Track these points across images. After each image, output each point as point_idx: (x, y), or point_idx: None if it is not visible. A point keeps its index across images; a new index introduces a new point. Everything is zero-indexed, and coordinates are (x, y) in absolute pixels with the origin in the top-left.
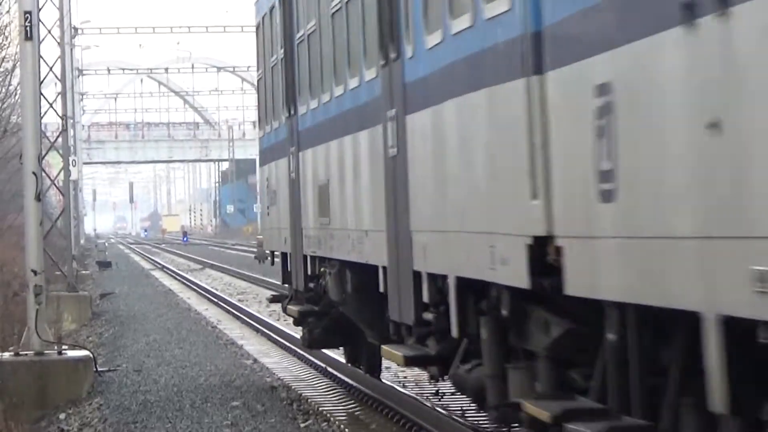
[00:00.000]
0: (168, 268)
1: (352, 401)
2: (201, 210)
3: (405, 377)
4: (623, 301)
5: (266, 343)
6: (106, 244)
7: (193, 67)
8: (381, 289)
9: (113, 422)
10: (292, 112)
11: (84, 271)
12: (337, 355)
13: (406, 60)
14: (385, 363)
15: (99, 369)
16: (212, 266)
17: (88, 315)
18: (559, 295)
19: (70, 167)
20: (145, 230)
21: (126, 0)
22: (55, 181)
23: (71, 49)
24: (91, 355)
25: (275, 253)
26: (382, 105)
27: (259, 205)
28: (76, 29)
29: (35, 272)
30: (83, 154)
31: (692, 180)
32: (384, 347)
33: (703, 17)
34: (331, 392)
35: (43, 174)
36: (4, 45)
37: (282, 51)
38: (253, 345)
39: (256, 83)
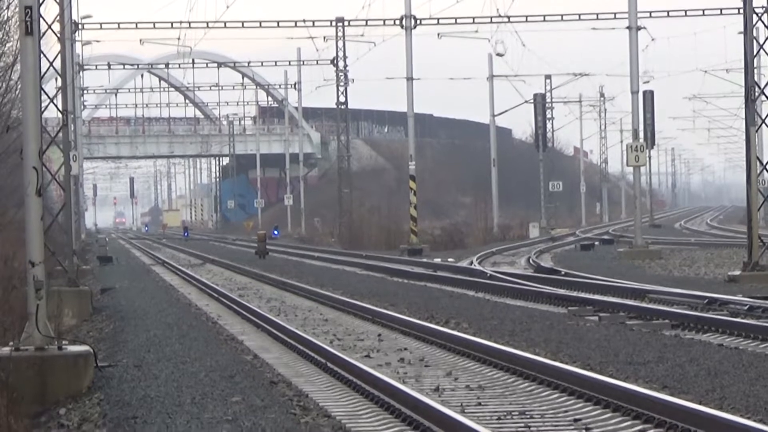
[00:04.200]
0: (169, 263)
1: (353, 397)
2: (201, 205)
3: (405, 373)
4: None
5: (266, 339)
6: (107, 239)
7: (193, 63)
8: None
9: (113, 417)
10: None
11: (85, 266)
12: (338, 350)
13: None
14: (385, 359)
15: (99, 364)
16: (213, 261)
17: (89, 310)
18: None
19: (71, 162)
20: (146, 225)
21: None
22: (56, 176)
23: (72, 44)
24: (92, 351)
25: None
26: None
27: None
28: (76, 24)
29: (34, 264)
30: (84, 149)
31: None
32: None
33: None
34: (332, 388)
35: (44, 169)
36: (5, 40)
37: None
38: (253, 341)
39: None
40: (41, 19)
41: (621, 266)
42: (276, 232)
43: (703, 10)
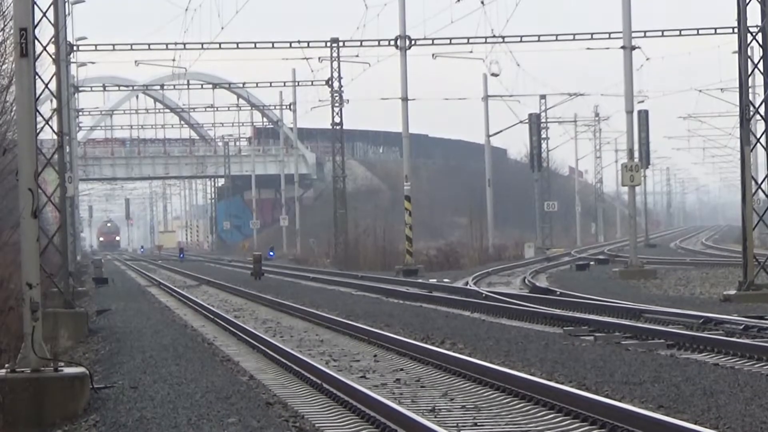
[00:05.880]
0: (164, 285)
1: (349, 418)
2: (197, 226)
3: (401, 393)
4: None
5: (262, 360)
6: (103, 261)
7: (188, 84)
8: None
9: None
10: None
11: (80, 288)
12: (334, 371)
13: None
14: (381, 380)
15: (95, 386)
16: (208, 282)
17: (85, 332)
18: None
19: (66, 184)
20: (142, 247)
21: (121, 16)
22: (52, 198)
23: (67, 66)
24: (88, 372)
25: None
26: None
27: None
28: (71, 46)
29: (31, 286)
30: (79, 170)
31: None
32: None
33: None
34: (328, 409)
35: (40, 191)
36: (0, 61)
37: None
38: (249, 362)
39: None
40: (36, 41)
41: (616, 286)
42: (271, 253)
43: (698, 30)
